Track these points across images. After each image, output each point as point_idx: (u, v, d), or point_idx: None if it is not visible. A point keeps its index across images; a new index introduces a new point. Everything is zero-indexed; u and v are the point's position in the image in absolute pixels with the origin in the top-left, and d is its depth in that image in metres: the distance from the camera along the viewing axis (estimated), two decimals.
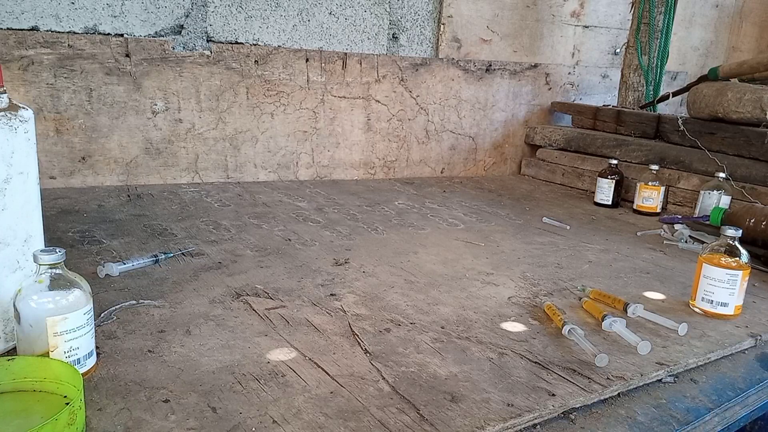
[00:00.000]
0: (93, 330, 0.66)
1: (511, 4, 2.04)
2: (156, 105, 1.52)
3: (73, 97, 1.42)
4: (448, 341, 0.79)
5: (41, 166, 1.39)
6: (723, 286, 0.91)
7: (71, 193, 1.41)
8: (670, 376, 0.76)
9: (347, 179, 1.84)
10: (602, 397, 0.69)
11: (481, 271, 1.08)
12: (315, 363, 0.71)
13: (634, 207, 1.64)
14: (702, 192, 1.51)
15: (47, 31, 1.37)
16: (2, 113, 0.64)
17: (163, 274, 0.96)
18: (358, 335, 0.79)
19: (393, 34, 1.84)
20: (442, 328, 0.83)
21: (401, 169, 1.95)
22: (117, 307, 0.82)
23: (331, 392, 0.65)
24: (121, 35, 1.45)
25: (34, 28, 1.36)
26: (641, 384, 0.73)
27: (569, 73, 2.25)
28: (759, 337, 0.87)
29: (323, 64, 1.72)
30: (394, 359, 0.73)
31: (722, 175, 1.51)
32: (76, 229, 1.16)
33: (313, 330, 0.80)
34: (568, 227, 1.42)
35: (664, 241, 1.35)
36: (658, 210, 1.61)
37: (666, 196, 1.67)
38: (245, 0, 1.58)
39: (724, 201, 1.46)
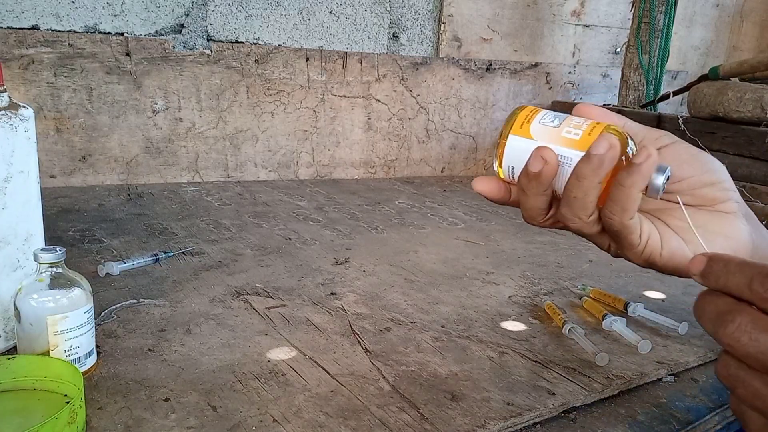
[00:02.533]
0: (93, 329, 0.66)
1: (511, 4, 2.04)
2: (156, 104, 1.52)
3: (73, 96, 1.42)
4: (449, 340, 0.79)
5: (42, 165, 1.38)
6: None
7: (71, 192, 1.41)
8: (670, 375, 0.76)
9: (347, 178, 1.84)
10: (602, 396, 0.69)
11: (481, 270, 1.08)
12: (315, 362, 0.71)
13: None
14: None
15: (47, 30, 1.37)
16: (2, 112, 0.64)
17: (164, 273, 0.96)
18: (358, 334, 0.79)
19: (393, 33, 1.84)
20: (443, 327, 0.83)
21: (401, 169, 1.95)
22: (117, 306, 0.82)
23: (332, 391, 0.65)
24: (122, 34, 1.45)
25: (35, 27, 1.36)
26: (642, 383, 0.73)
27: (570, 72, 2.25)
28: None
29: (323, 63, 1.72)
30: (395, 358, 0.73)
31: None
32: (76, 228, 1.16)
33: (313, 329, 0.80)
34: None
35: None
36: None
37: None
38: None
39: None
